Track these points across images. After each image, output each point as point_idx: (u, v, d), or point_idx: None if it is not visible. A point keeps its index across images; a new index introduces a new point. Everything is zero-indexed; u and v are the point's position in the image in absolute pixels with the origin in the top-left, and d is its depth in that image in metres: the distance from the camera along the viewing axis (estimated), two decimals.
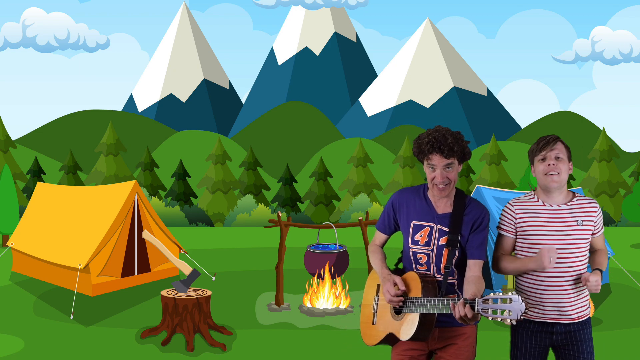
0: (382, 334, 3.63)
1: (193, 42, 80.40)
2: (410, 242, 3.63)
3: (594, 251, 3.71)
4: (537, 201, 3.63)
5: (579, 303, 3.59)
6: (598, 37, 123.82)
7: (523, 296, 3.61)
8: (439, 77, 65.31)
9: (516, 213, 3.64)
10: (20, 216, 13.28)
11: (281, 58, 79.02)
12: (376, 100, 66.05)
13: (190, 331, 6.86)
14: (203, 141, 39.62)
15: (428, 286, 3.48)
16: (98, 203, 9.81)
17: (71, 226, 9.79)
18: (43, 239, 10.04)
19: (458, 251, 3.55)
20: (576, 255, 3.55)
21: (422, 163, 3.58)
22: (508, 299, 3.09)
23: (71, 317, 7.93)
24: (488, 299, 3.15)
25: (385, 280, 3.59)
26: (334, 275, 8.11)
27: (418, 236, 3.61)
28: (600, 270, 3.56)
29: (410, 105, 64.09)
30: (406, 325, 3.48)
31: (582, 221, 3.57)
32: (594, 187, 25.76)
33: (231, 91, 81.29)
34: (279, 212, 8.51)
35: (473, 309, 3.20)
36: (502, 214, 3.70)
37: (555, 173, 3.52)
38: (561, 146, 3.57)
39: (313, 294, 8.31)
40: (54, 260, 9.41)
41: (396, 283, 3.53)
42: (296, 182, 27.90)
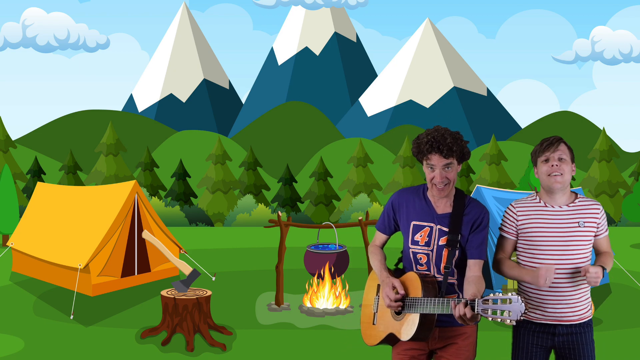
0: (383, 334, 3.63)
1: (193, 42, 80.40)
2: (410, 243, 3.63)
3: (599, 253, 3.67)
4: (539, 202, 3.62)
5: (580, 304, 3.58)
6: (598, 37, 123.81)
7: (524, 297, 3.61)
8: (439, 77, 65.31)
9: (518, 215, 3.63)
10: (20, 216, 13.28)
11: (281, 58, 79.02)
12: (376, 100, 66.05)
13: (190, 331, 6.86)
14: (203, 141, 39.62)
15: (428, 286, 3.48)
16: (98, 203, 9.81)
17: (71, 226, 9.79)
18: (43, 239, 10.04)
19: (458, 251, 3.55)
20: (578, 257, 3.54)
21: (422, 163, 3.58)
22: (508, 300, 3.09)
23: (71, 317, 7.93)
24: (488, 300, 3.15)
25: (384, 284, 3.59)
26: (334, 275, 8.11)
27: (418, 236, 3.60)
28: (603, 267, 3.54)
29: (410, 105, 64.09)
30: (406, 325, 3.48)
31: (584, 223, 3.56)
32: (594, 187, 25.76)
33: (231, 91, 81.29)
34: (279, 212, 8.51)
35: (473, 310, 3.20)
36: (504, 216, 3.69)
37: (558, 174, 3.52)
38: (564, 147, 3.57)
39: (313, 294, 8.30)
40: (54, 260, 9.41)
41: (395, 287, 3.53)
42: (296, 182, 27.90)
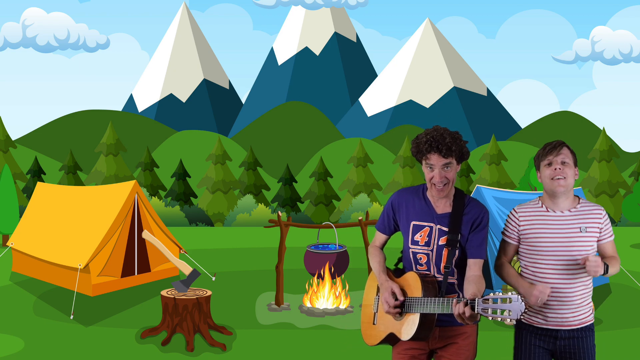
0: (383, 334, 3.63)
1: (193, 42, 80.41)
2: (410, 243, 3.63)
3: (605, 258, 3.64)
4: (542, 207, 3.62)
5: (582, 310, 3.58)
6: (598, 37, 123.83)
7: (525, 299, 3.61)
8: (439, 77, 65.32)
9: (520, 220, 3.64)
10: (20, 216, 13.28)
11: (281, 58, 79.03)
12: (376, 100, 66.06)
13: (190, 331, 6.86)
14: (203, 141, 39.63)
15: (428, 286, 3.48)
16: (98, 203, 9.81)
17: (71, 226, 9.79)
18: (43, 239, 10.04)
19: (458, 251, 3.55)
20: (579, 262, 3.53)
21: (421, 163, 3.58)
22: (508, 299, 3.09)
23: (71, 317, 7.93)
24: (488, 299, 3.15)
25: (383, 288, 3.59)
26: (334, 275, 8.11)
27: (418, 236, 3.60)
28: (606, 264, 3.52)
29: (410, 105, 64.10)
30: (407, 325, 3.48)
31: (586, 228, 3.55)
32: (594, 187, 25.75)
33: (231, 91, 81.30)
34: (279, 212, 8.51)
35: (473, 309, 3.20)
36: (507, 220, 3.71)
37: (561, 177, 3.51)
38: (567, 151, 3.57)
39: (313, 294, 8.30)
40: (54, 260, 9.41)
41: (394, 292, 3.53)
42: (296, 182, 27.91)
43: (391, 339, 3.62)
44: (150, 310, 8.30)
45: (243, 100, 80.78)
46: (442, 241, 3.55)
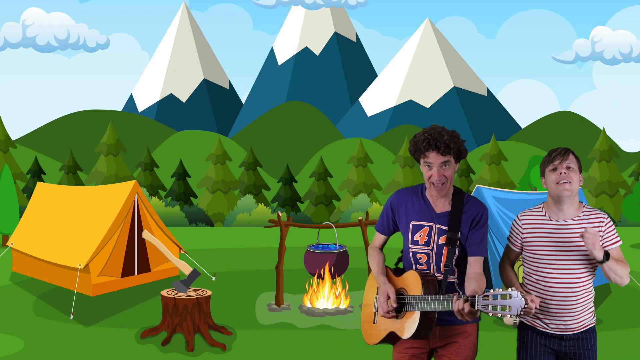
0: (384, 333, 3.63)
1: (193, 42, 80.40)
2: (409, 242, 3.63)
3: None
4: (544, 215, 3.63)
5: (585, 315, 3.61)
6: (598, 37, 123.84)
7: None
8: (439, 77, 65.31)
9: (522, 227, 3.67)
10: (20, 216, 13.28)
11: (281, 58, 79.02)
12: (376, 100, 66.05)
13: (190, 331, 6.86)
14: (203, 141, 39.62)
15: (428, 285, 3.48)
16: (98, 203, 9.81)
17: (71, 226, 9.79)
18: (43, 239, 10.04)
19: (458, 249, 3.56)
20: (582, 270, 3.54)
21: (419, 162, 3.59)
22: (508, 295, 3.11)
23: (71, 317, 7.93)
24: (488, 295, 3.17)
25: (380, 291, 3.61)
26: (334, 275, 8.11)
27: (417, 236, 3.61)
28: (612, 256, 3.47)
29: (410, 105, 64.09)
30: (407, 323, 3.49)
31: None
32: (594, 187, 25.75)
33: (231, 91, 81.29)
34: (279, 212, 8.51)
35: (473, 306, 3.21)
36: (511, 227, 3.75)
37: (567, 182, 3.52)
38: (572, 157, 3.59)
39: (313, 294, 8.30)
40: (54, 260, 9.41)
41: (390, 297, 3.53)
42: (296, 182, 27.90)
43: (392, 338, 3.62)
44: (150, 310, 8.30)
45: (243, 100, 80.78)
46: (442, 240, 3.56)
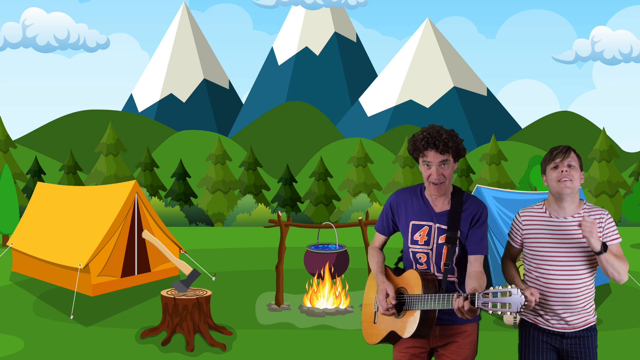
0: (384, 332, 3.64)
1: (193, 42, 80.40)
2: (409, 242, 3.64)
3: None
4: (545, 212, 3.64)
5: (586, 312, 3.61)
6: (598, 37, 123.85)
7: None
8: (439, 77, 65.31)
9: (522, 224, 3.68)
10: (20, 216, 13.28)
11: (281, 58, 79.02)
12: (376, 100, 66.06)
13: (190, 331, 6.86)
14: (203, 141, 39.61)
15: (428, 284, 3.49)
16: (98, 203, 9.81)
17: (71, 226, 9.79)
18: (43, 239, 10.04)
19: (458, 248, 3.56)
20: (582, 267, 3.55)
21: (418, 162, 3.59)
22: (508, 292, 3.11)
23: (71, 317, 7.93)
24: (488, 293, 3.18)
25: (378, 289, 3.62)
26: (334, 275, 8.11)
27: (417, 236, 3.61)
28: (611, 251, 3.48)
29: (410, 105, 64.09)
30: (407, 322, 3.50)
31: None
32: (594, 187, 25.76)
33: (231, 91, 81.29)
34: (279, 212, 8.51)
35: (473, 304, 3.22)
36: (512, 223, 3.77)
37: (568, 179, 3.53)
38: (574, 155, 3.60)
39: (313, 294, 8.30)
40: (54, 260, 9.41)
41: (388, 294, 3.54)
42: (296, 182, 27.91)
43: (392, 338, 3.63)
44: (150, 310, 8.30)
45: (243, 100, 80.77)
46: (442, 239, 3.56)
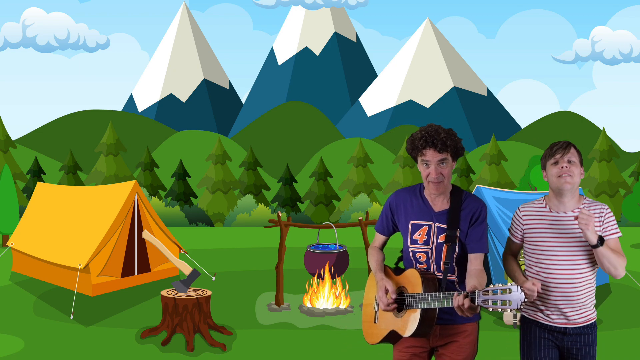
0: (384, 332, 3.64)
1: (193, 42, 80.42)
2: (409, 242, 3.64)
3: None
4: (545, 207, 3.65)
5: (586, 308, 3.62)
6: (598, 37, 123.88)
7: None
8: (439, 77, 65.34)
9: (523, 219, 3.69)
10: (20, 216, 13.28)
11: (281, 58, 79.04)
12: (376, 100, 66.08)
13: (190, 331, 6.86)
14: (203, 141, 39.63)
15: (428, 283, 3.49)
16: (98, 203, 9.81)
17: (71, 226, 9.79)
18: (43, 239, 10.04)
19: (457, 247, 3.57)
20: (582, 262, 3.55)
21: (416, 162, 3.59)
22: (508, 289, 3.12)
23: (71, 317, 7.93)
24: (488, 291, 3.18)
25: (378, 286, 3.63)
26: (334, 275, 8.11)
27: (417, 235, 3.61)
28: (609, 245, 3.49)
29: (410, 105, 64.12)
30: (408, 321, 3.50)
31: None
32: (594, 187, 25.76)
33: (231, 91, 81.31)
34: (279, 212, 8.51)
35: (473, 302, 3.22)
36: (512, 218, 3.78)
37: (568, 175, 3.54)
38: (574, 151, 3.61)
39: (313, 294, 8.30)
40: (54, 260, 9.41)
41: (388, 290, 3.55)
42: (296, 182, 27.91)
43: (392, 337, 3.63)
44: (150, 310, 8.30)
45: (243, 100, 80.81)
46: (441, 239, 3.56)
